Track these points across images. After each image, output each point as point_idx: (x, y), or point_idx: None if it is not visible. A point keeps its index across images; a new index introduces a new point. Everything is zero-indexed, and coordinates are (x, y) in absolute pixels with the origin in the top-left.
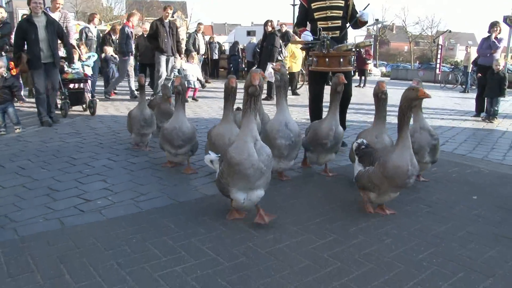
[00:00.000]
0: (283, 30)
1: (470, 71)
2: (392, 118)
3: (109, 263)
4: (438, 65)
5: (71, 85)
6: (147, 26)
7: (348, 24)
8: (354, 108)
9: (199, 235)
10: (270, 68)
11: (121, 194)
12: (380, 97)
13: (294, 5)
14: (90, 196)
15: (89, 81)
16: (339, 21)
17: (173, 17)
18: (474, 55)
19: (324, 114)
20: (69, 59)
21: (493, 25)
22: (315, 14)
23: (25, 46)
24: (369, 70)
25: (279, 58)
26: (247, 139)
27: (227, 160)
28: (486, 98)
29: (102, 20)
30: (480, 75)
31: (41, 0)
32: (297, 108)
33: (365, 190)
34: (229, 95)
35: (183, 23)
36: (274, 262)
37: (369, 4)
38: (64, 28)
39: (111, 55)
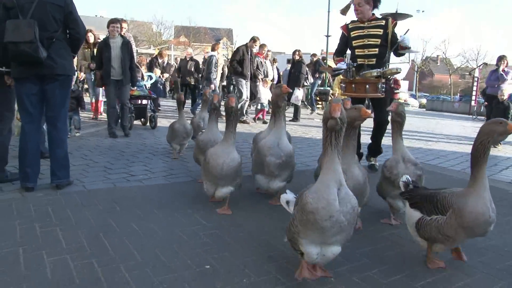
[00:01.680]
0: (314, 59)
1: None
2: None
3: (147, 208)
4: (474, 97)
5: (138, 101)
6: (189, 50)
7: (388, 51)
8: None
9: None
10: (297, 92)
11: (156, 173)
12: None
13: (327, 36)
14: (134, 173)
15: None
16: (376, 49)
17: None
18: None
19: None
20: (133, 81)
21: (501, 59)
22: (353, 42)
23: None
24: (404, 100)
25: (305, 84)
26: (330, 184)
27: (301, 205)
28: None
29: (151, 45)
30: (486, 104)
31: (118, 25)
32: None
33: (432, 241)
34: (230, 115)
35: (228, 49)
36: None
37: (408, 29)
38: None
39: (159, 76)
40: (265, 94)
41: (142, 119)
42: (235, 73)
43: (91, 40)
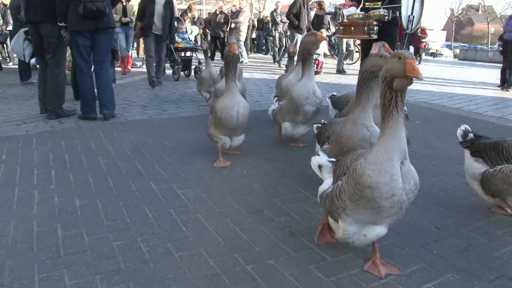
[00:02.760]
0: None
1: None
2: None
3: (176, 132)
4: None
5: (182, 53)
6: (220, 4)
7: None
8: None
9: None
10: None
11: (184, 111)
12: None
13: None
14: (167, 110)
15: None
16: None
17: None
18: None
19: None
20: (171, 38)
21: None
22: None
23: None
24: (436, 50)
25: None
26: (394, 155)
27: (355, 177)
28: (506, 69)
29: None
30: (501, 49)
31: None
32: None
33: (499, 196)
34: (230, 63)
35: (260, 2)
36: None
37: None
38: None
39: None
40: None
41: (186, 71)
42: (291, 26)
43: None
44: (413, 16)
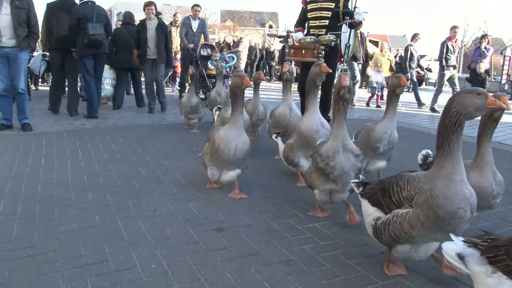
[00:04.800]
0: None
1: None
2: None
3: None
4: (505, 76)
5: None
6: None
7: (339, 24)
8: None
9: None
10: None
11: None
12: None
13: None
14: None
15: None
16: (327, 21)
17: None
18: None
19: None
20: (168, 60)
21: (483, 37)
22: (308, 14)
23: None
24: (435, 80)
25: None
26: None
27: (427, 203)
28: None
29: None
30: (467, 77)
31: (153, 6)
32: None
33: None
34: (237, 94)
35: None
36: None
37: (358, 7)
38: (201, 33)
39: None
40: (375, 78)
41: None
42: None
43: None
44: (350, 45)
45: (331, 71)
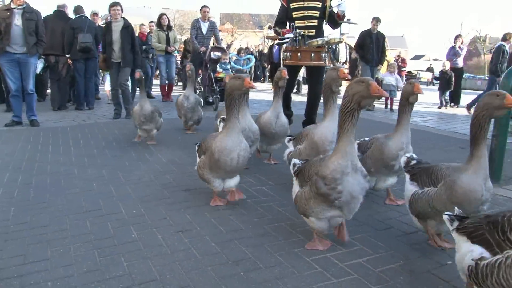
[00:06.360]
0: None
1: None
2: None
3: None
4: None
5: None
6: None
7: (325, 22)
8: None
9: None
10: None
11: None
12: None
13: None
14: None
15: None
16: (316, 21)
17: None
18: None
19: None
20: (135, 64)
21: (457, 37)
22: (293, 13)
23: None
24: (427, 79)
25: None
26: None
27: (447, 191)
28: (439, 91)
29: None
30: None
31: (119, 7)
32: None
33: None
34: (234, 98)
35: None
36: None
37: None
38: (212, 36)
39: None
40: (389, 80)
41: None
42: (360, 58)
43: (166, 22)
44: (339, 49)
45: (350, 77)
